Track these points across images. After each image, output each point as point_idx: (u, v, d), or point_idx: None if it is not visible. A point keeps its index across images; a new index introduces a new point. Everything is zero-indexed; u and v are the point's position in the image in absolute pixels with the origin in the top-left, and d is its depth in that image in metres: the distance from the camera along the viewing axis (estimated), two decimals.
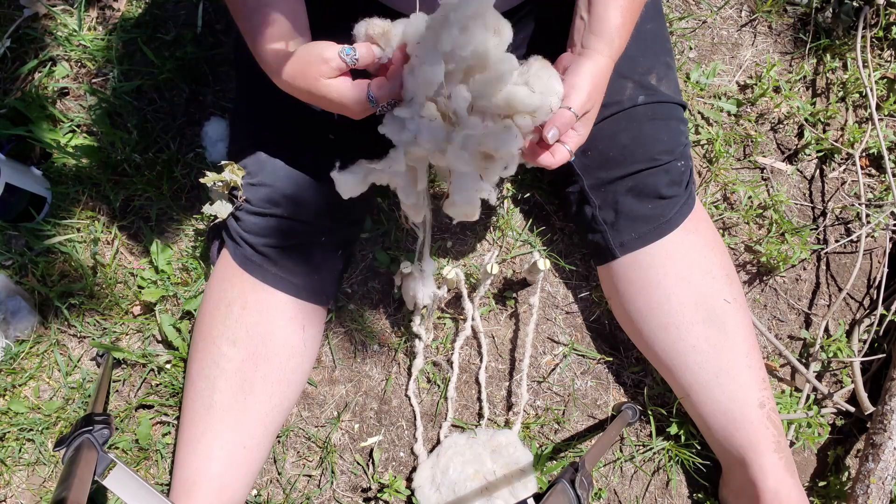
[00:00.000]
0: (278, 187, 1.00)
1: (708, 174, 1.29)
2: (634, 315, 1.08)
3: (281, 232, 1.02)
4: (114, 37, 1.30)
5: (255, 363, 1.02)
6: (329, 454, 1.18)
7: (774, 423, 1.05)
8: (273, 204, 1.00)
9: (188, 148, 1.28)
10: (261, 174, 1.01)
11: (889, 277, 1.26)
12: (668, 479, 1.19)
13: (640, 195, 1.02)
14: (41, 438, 1.17)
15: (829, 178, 1.32)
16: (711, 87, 1.34)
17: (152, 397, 1.19)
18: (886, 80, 1.35)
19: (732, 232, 1.28)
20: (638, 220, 1.03)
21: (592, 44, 0.86)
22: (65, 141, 1.26)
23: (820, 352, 1.22)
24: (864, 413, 1.16)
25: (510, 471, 1.11)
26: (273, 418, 1.05)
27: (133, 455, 1.16)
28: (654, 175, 1.01)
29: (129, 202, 1.27)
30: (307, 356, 1.09)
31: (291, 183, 1.00)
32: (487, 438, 1.15)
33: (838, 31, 1.35)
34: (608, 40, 0.86)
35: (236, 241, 1.04)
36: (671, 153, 1.02)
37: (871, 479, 1.06)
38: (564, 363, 1.22)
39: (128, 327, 1.22)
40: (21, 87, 1.30)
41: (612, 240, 1.05)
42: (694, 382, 1.06)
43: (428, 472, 1.13)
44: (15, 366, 1.20)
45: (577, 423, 1.21)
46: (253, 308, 1.03)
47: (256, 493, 1.17)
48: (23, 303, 1.19)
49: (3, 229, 1.23)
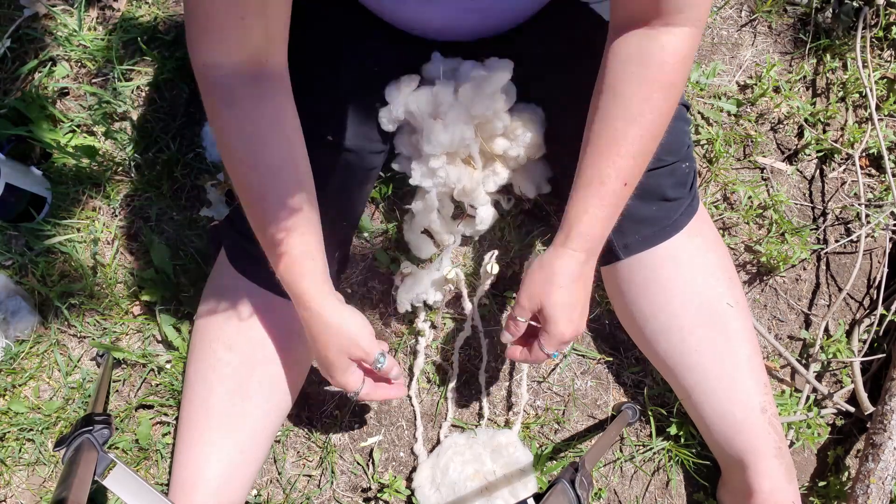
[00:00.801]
0: None
1: (708, 174, 1.29)
2: (637, 316, 1.08)
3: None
4: (114, 37, 1.30)
5: (252, 367, 1.02)
6: (329, 454, 1.18)
7: (775, 428, 1.05)
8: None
9: (188, 148, 1.28)
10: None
11: (889, 277, 1.26)
12: (668, 479, 1.19)
13: (645, 197, 1.01)
14: (41, 438, 1.17)
15: (829, 178, 1.32)
16: (711, 87, 1.34)
17: (152, 397, 1.19)
18: (886, 80, 1.35)
19: (732, 232, 1.28)
20: (642, 222, 1.02)
21: (562, 240, 0.88)
22: (65, 141, 1.26)
23: (820, 352, 1.22)
24: (864, 413, 1.16)
25: (510, 471, 1.11)
26: (270, 422, 1.05)
27: (133, 455, 1.16)
28: (659, 176, 1.01)
29: (129, 202, 1.27)
30: (304, 359, 1.09)
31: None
32: (487, 438, 1.15)
33: (838, 31, 1.35)
34: (566, 230, 0.87)
35: (234, 245, 1.04)
36: (676, 154, 1.02)
37: (871, 479, 1.06)
38: (564, 363, 1.22)
39: (128, 327, 1.22)
40: (21, 87, 1.30)
41: (616, 241, 1.04)
42: (695, 385, 1.06)
43: (428, 472, 1.13)
44: (15, 366, 1.20)
45: (577, 423, 1.21)
46: (250, 312, 1.03)
47: (256, 493, 1.17)
48: (23, 303, 1.19)
49: (3, 229, 1.23)
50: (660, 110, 0.83)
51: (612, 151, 0.83)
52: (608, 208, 0.86)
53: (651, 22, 0.80)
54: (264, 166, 0.84)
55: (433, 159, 1.04)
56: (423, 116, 1.02)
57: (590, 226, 0.86)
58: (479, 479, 1.10)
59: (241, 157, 0.84)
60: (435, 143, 1.02)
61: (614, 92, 0.83)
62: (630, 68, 0.82)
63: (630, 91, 0.82)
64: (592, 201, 0.85)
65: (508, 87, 1.04)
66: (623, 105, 0.83)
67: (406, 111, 1.02)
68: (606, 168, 0.84)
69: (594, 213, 0.86)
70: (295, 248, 0.87)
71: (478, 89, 1.01)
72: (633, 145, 0.83)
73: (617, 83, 0.83)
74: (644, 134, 0.83)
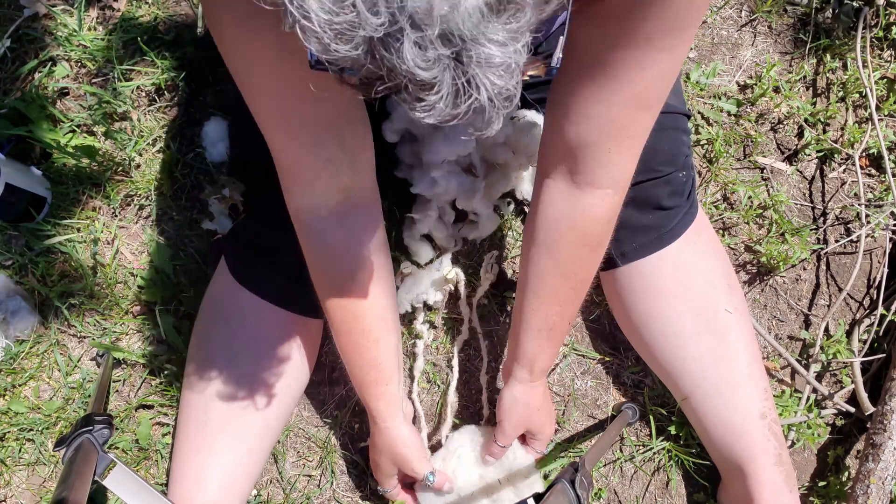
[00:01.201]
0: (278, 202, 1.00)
1: (708, 174, 1.29)
2: (636, 322, 1.08)
3: (281, 247, 1.01)
4: (114, 37, 1.30)
5: (252, 379, 1.02)
6: (329, 454, 1.18)
7: (776, 435, 1.04)
8: (273, 219, 1.00)
9: (188, 148, 1.28)
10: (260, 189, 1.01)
11: (889, 277, 1.26)
12: (668, 480, 1.19)
13: (641, 206, 1.01)
14: (41, 438, 1.17)
15: (829, 178, 1.32)
16: (711, 87, 1.34)
17: (152, 397, 1.19)
18: (886, 80, 1.35)
19: (732, 232, 1.28)
20: (639, 231, 1.03)
21: (516, 372, 1.00)
22: (65, 141, 1.26)
23: (820, 352, 1.22)
24: (864, 413, 1.16)
25: (514, 471, 1.11)
26: (269, 433, 1.05)
27: (133, 455, 1.16)
28: (655, 186, 1.01)
29: (129, 202, 1.27)
30: (303, 371, 1.09)
31: None
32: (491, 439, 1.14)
33: (838, 31, 1.35)
34: (528, 367, 0.98)
35: (236, 256, 1.04)
36: (672, 164, 1.02)
37: (871, 479, 1.06)
38: (564, 363, 1.22)
39: (128, 327, 1.22)
40: (21, 87, 1.30)
41: (614, 249, 1.04)
42: (694, 391, 1.06)
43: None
44: (15, 366, 1.20)
45: (577, 423, 1.21)
46: (250, 323, 1.03)
47: (256, 493, 1.17)
48: (23, 303, 1.19)
49: (3, 229, 1.23)
50: (590, 266, 0.91)
51: (554, 302, 0.92)
52: (559, 344, 1.01)
53: (574, 177, 0.83)
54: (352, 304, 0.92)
55: (434, 169, 1.04)
56: (425, 126, 1.02)
57: (548, 362, 1.00)
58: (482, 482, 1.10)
59: (329, 297, 0.92)
60: (436, 153, 1.02)
61: (547, 249, 0.89)
62: (560, 229, 0.87)
63: (560, 250, 0.88)
64: (546, 344, 0.96)
65: None
66: (555, 263, 0.89)
67: (408, 120, 1.02)
68: (552, 316, 0.93)
69: (550, 352, 0.99)
70: (370, 375, 0.97)
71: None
72: (569, 294, 0.92)
73: (549, 241, 0.88)
74: (578, 286, 0.92)
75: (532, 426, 1.06)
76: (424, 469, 1.02)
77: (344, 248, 0.88)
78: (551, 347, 0.98)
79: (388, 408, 0.99)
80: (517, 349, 0.98)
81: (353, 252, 0.88)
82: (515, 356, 0.99)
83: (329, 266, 0.90)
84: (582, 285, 0.92)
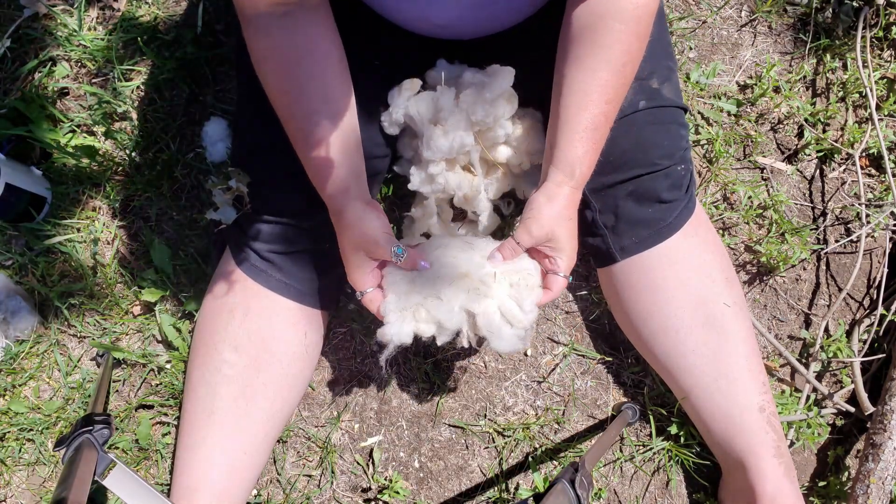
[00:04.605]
0: (284, 194, 1.00)
1: (708, 174, 1.29)
2: (634, 318, 1.08)
3: (286, 238, 1.01)
4: (114, 37, 1.30)
5: (257, 369, 1.02)
6: (329, 454, 1.18)
7: (774, 428, 1.05)
8: (278, 210, 1.00)
9: (188, 148, 1.28)
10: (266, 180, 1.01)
11: (889, 277, 1.26)
12: (668, 479, 1.19)
13: (641, 199, 1.02)
14: (41, 438, 1.17)
15: (829, 178, 1.32)
16: (711, 87, 1.34)
17: (152, 397, 1.19)
18: (886, 80, 1.35)
19: (732, 232, 1.28)
20: (638, 225, 1.03)
21: (552, 175, 0.92)
22: (65, 141, 1.26)
23: (820, 352, 1.22)
24: (864, 413, 1.16)
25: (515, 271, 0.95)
26: (274, 424, 1.05)
27: (133, 455, 1.16)
28: (655, 179, 1.01)
29: (129, 202, 1.27)
30: (309, 361, 1.09)
31: (297, 189, 0.99)
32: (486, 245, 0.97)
33: (838, 31, 1.35)
34: (569, 172, 0.91)
35: (241, 248, 1.04)
36: (671, 157, 1.02)
37: (871, 479, 1.06)
38: (564, 363, 1.22)
39: (128, 327, 1.22)
40: (21, 87, 1.30)
41: (613, 244, 1.05)
42: (694, 386, 1.06)
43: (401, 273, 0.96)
44: (15, 366, 1.20)
45: (577, 423, 1.21)
46: (256, 314, 1.03)
47: (256, 493, 1.17)
48: (23, 303, 1.19)
49: (3, 229, 1.23)
50: (636, 59, 0.89)
51: (602, 100, 0.88)
52: (600, 149, 0.93)
53: None
54: (295, 88, 0.89)
55: (432, 165, 1.04)
56: (424, 122, 1.02)
57: (589, 167, 0.93)
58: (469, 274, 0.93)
59: (274, 84, 0.90)
60: (434, 149, 1.01)
61: (595, 43, 0.87)
62: (608, 22, 0.86)
63: (611, 42, 0.86)
64: (590, 146, 0.91)
65: (510, 94, 1.02)
66: (605, 57, 0.87)
67: (406, 115, 1.02)
68: (598, 116, 0.89)
69: (592, 156, 0.92)
70: (318, 160, 0.91)
71: (478, 95, 1.00)
72: (618, 91, 0.89)
73: (597, 36, 0.86)
74: (625, 82, 0.89)
75: (559, 235, 0.94)
76: (390, 244, 0.92)
77: (285, 38, 0.88)
78: (594, 151, 0.92)
79: (340, 192, 0.92)
80: (558, 154, 0.92)
81: (296, 45, 0.88)
82: (555, 162, 0.92)
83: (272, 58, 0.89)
84: (626, 81, 0.90)
